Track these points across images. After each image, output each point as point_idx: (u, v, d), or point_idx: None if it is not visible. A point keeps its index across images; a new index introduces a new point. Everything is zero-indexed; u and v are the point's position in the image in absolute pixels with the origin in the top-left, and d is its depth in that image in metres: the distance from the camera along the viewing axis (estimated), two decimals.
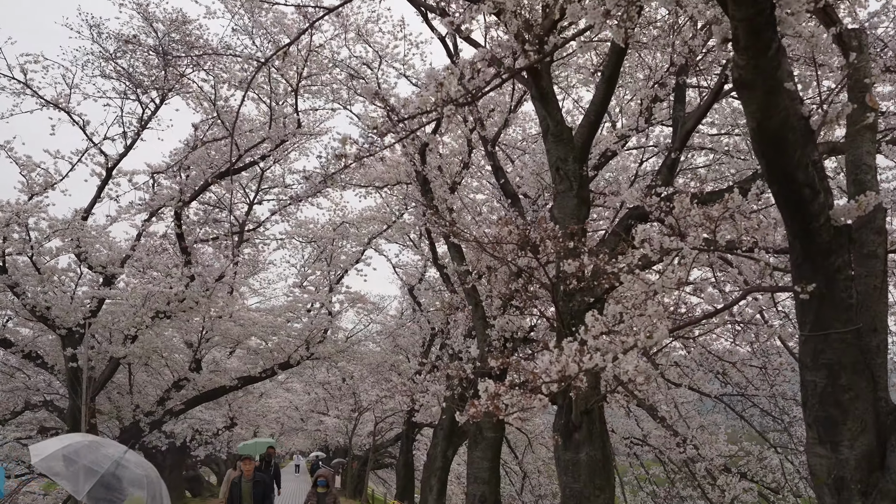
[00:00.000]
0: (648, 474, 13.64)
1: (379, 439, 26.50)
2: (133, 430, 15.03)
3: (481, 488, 9.79)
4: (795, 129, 3.01)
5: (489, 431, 9.93)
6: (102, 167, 13.62)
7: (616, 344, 3.67)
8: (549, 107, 6.41)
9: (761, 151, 3.12)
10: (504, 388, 3.57)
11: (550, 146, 6.52)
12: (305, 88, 14.05)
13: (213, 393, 16.07)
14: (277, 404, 34.06)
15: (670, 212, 4.84)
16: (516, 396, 3.74)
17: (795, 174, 3.10)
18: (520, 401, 3.76)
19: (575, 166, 6.40)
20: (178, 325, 16.46)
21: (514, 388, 3.52)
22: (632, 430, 13.61)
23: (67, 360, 12.93)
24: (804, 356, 3.58)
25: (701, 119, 6.70)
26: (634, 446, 13.59)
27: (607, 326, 3.85)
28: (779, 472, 9.03)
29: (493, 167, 10.50)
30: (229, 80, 12.72)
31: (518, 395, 3.76)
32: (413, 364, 17.25)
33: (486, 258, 11.34)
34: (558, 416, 6.41)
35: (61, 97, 12.91)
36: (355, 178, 16.08)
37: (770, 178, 3.21)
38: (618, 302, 4.38)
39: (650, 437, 13.51)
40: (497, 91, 11.75)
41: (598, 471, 6.18)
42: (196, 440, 21.15)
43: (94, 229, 13.43)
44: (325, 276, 18.14)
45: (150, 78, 13.36)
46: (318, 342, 16.59)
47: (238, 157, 12.69)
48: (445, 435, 12.91)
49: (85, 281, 14.18)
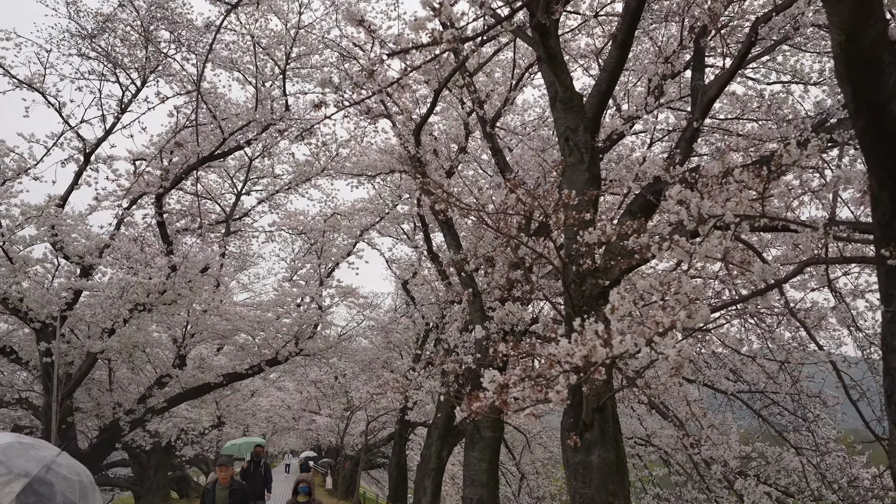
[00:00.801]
0: (652, 476, 13.00)
1: (371, 439, 25.87)
2: (113, 430, 14.33)
3: (479, 491, 9.13)
4: (892, 47, 2.39)
5: (487, 431, 9.27)
6: (80, 152, 12.93)
7: (649, 325, 3.04)
8: (557, 70, 5.77)
9: (847, 75, 2.49)
10: (515, 379, 2.94)
11: (559, 114, 5.87)
12: (294, 71, 13.40)
13: (198, 390, 15.37)
14: (269, 403, 33.40)
15: (695, 183, 4.22)
16: (528, 389, 3.11)
17: (889, 106, 2.48)
18: (532, 394, 3.13)
19: (586, 136, 5.76)
20: (161, 320, 15.78)
21: (526, 378, 2.89)
22: (635, 429, 12.97)
23: (41, 354, 12.25)
24: (889, 337, 2.95)
25: (725, 86, 6.07)
26: (637, 447, 12.96)
27: (636, 306, 3.21)
28: (796, 476, 8.41)
29: (491, 149, 9.86)
30: (213, 59, 12.04)
31: (529, 387, 3.13)
32: (407, 361, 16.61)
33: (484, 246, 10.73)
34: (567, 415, 5.77)
35: (35, 77, 12.22)
36: (347, 166, 15.45)
37: (856, 111, 2.59)
38: (643, 278, 3.73)
39: (655, 436, 12.92)
40: (497, 68, 11.12)
41: (611, 474, 5.55)
42: (182, 440, 20.41)
43: (70, 217, 12.74)
44: (316, 270, 17.48)
45: (129, 58, 12.69)
46: (307, 338, 15.93)
47: (223, 141, 12.00)
48: (440, 434, 12.24)
49: (62, 272, 13.50)
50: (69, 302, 12.46)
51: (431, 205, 6.61)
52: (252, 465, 15.23)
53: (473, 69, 10.55)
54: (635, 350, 2.94)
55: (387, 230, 17.93)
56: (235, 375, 15.68)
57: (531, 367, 3.44)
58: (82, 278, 12.69)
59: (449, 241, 10.06)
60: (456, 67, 9.67)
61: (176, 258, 12.15)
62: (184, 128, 12.89)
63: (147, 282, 11.40)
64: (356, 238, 16.95)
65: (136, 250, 12.25)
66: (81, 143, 12.84)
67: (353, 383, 23.38)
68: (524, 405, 3.08)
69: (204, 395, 16.46)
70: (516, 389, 3.09)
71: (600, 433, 5.57)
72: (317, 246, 17.18)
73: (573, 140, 5.75)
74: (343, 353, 17.67)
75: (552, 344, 3.28)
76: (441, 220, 10.00)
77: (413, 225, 17.00)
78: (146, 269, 11.70)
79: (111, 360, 15.12)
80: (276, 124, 12.73)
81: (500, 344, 3.05)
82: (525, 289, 8.88)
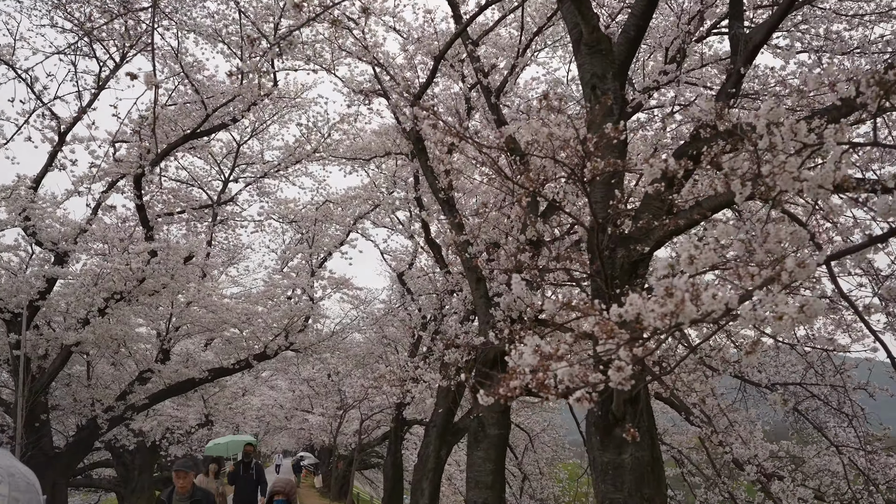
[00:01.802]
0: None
1: (365, 438, 25.05)
2: (91, 428, 13.47)
3: (484, 494, 8.31)
4: None
5: (493, 428, 8.44)
6: (54, 131, 12.08)
7: (743, 277, 2.25)
8: (582, 7, 4.99)
9: None
10: (566, 346, 2.15)
11: (584, 59, 5.09)
12: (283, 47, 12.57)
13: (181, 386, 14.52)
14: (260, 402, 32.55)
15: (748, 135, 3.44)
16: (576, 366, 2.32)
17: None
18: (581, 373, 2.34)
19: (615, 84, 4.98)
20: (144, 312, 14.95)
21: (584, 338, 2.11)
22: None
23: (11, 347, 11.40)
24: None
25: (772, 31, 5.30)
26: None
27: (716, 262, 2.42)
28: (828, 476, 7.69)
29: (496, 122, 9.08)
30: (196, 28, 11.21)
31: (577, 362, 2.34)
32: (402, 356, 15.80)
33: (487, 229, 9.91)
34: (593, 408, 4.98)
35: (4, 49, 11.37)
36: (340, 149, 14.64)
37: None
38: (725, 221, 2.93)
39: (666, 434, 12.20)
40: (503, 31, 10.35)
41: (646, 476, 4.76)
42: (167, 439, 19.54)
43: (44, 200, 11.88)
44: (307, 261, 16.66)
45: (107, 31, 11.84)
46: (298, 331, 15.11)
47: (206, 117, 11.16)
48: (439, 433, 11.42)
49: (36, 260, 12.64)
50: (41, 291, 11.62)
51: (437, 153, 5.80)
52: (242, 466, 14.10)
53: (477, 36, 9.77)
54: (733, 307, 2.15)
55: (381, 220, 17.15)
56: (221, 371, 14.84)
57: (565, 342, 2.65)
58: (56, 266, 11.85)
59: (451, 221, 9.25)
60: (458, 32, 8.90)
61: (156, 244, 11.31)
62: (165, 106, 12.08)
63: (124, 268, 10.56)
64: (349, 227, 16.15)
65: (113, 235, 11.40)
66: (55, 121, 12.00)
67: (347, 381, 22.54)
68: (573, 385, 2.29)
69: (188, 391, 15.60)
70: (561, 365, 2.30)
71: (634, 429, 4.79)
72: (308, 235, 16.36)
73: (601, 88, 4.96)
74: (336, 349, 16.84)
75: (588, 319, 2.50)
76: (442, 199, 9.21)
77: (409, 212, 16.20)
78: (123, 255, 10.85)
79: (89, 354, 14.25)
80: (263, 101, 11.91)
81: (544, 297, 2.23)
82: (534, 271, 8.10)
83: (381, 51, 11.24)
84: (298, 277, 15.51)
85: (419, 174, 10.48)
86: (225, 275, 21.37)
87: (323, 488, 32.70)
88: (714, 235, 2.46)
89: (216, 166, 17.03)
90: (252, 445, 14.94)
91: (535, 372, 2.32)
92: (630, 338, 2.12)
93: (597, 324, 2.13)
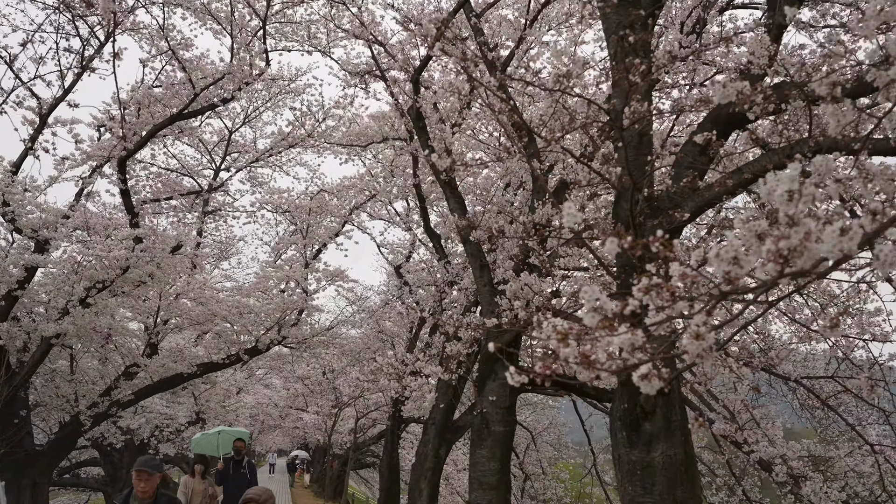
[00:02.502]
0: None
1: (361, 437, 24.48)
2: (73, 425, 12.87)
3: (488, 495, 7.75)
4: None
5: (498, 425, 7.88)
6: (35, 113, 11.48)
7: (864, 216, 1.70)
8: None
9: None
10: (634, 305, 1.60)
11: (608, 11, 4.53)
12: (276, 28, 12.03)
13: (169, 382, 13.90)
14: (254, 400, 31.97)
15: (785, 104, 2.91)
16: (635, 336, 1.77)
17: None
18: (642, 344, 1.78)
19: (644, 36, 4.43)
20: (131, 304, 14.34)
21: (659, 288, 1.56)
22: None
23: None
24: None
25: None
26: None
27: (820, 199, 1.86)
28: (865, 478, 7.15)
29: (502, 98, 8.50)
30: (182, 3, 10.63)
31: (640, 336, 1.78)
32: (400, 351, 15.24)
33: (492, 214, 9.34)
34: (618, 401, 4.43)
35: None
36: (335, 136, 14.09)
37: None
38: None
39: None
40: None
41: (679, 477, 4.21)
42: (156, 437, 18.93)
43: (23, 184, 11.27)
44: (301, 253, 16.09)
45: (91, 8, 11.24)
46: (291, 325, 14.54)
47: (194, 97, 10.58)
48: (438, 430, 10.86)
49: (16, 248, 12.03)
50: (20, 280, 11.02)
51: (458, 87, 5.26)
52: (232, 464, 12.83)
53: (481, 10, 9.22)
54: (845, 256, 1.59)
55: (378, 212, 16.60)
56: (211, 365, 14.25)
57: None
58: (36, 254, 11.25)
59: (453, 204, 8.68)
60: (461, 2, 8.35)
61: (141, 230, 10.72)
62: (151, 87, 11.50)
63: (106, 255, 9.97)
64: (345, 217, 15.59)
65: (96, 221, 10.80)
66: (37, 102, 11.40)
67: (342, 378, 21.96)
68: (637, 359, 1.74)
69: (176, 386, 14.97)
70: (623, 333, 1.74)
71: (664, 424, 4.24)
72: (302, 226, 15.79)
73: (627, 40, 4.40)
74: (330, 344, 16.25)
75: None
76: (444, 182, 8.65)
77: (407, 203, 15.66)
78: (105, 242, 10.27)
79: (73, 348, 13.64)
80: (255, 83, 11.33)
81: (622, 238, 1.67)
82: (543, 257, 7.55)
83: (379, 30, 10.71)
84: (292, 269, 14.93)
85: (418, 154, 9.90)
86: (217, 268, 20.81)
87: (313, 485, 32.14)
88: (815, 166, 1.90)
89: (207, 154, 16.46)
90: (243, 441, 13.03)
91: (596, 334, 1.77)
92: (723, 293, 1.55)
93: (680, 275, 1.57)
